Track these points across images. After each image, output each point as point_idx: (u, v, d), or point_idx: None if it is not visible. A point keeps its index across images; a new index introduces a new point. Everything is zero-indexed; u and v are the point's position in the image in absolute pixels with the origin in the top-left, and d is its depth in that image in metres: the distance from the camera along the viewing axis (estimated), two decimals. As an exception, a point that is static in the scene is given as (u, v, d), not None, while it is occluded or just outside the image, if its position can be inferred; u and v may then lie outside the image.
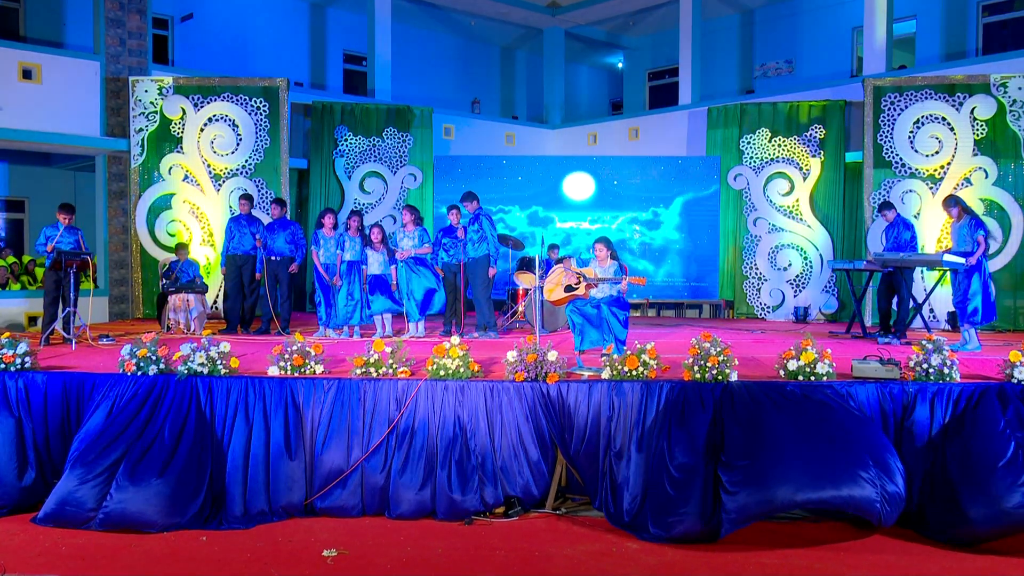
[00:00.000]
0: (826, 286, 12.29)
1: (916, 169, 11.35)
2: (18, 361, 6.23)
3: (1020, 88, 10.90)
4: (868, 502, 4.92)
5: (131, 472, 5.45)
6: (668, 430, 5.52)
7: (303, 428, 5.89)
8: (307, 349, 6.19)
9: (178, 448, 5.61)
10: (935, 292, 9.89)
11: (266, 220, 10.04)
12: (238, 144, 11.77)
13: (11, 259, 13.29)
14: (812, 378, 5.79)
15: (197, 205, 11.72)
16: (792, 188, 12.48)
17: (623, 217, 13.15)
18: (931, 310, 10.65)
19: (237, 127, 11.77)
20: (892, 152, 11.44)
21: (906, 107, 11.37)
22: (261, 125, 11.82)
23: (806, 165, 12.42)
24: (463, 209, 9.11)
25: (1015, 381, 5.62)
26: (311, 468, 5.78)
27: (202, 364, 6.03)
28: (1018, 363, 5.64)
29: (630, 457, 5.56)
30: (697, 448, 5.36)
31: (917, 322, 9.64)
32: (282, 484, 5.69)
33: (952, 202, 8.35)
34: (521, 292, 10.61)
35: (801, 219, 12.45)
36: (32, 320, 11.00)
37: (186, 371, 6.02)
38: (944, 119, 11.22)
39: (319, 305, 9.09)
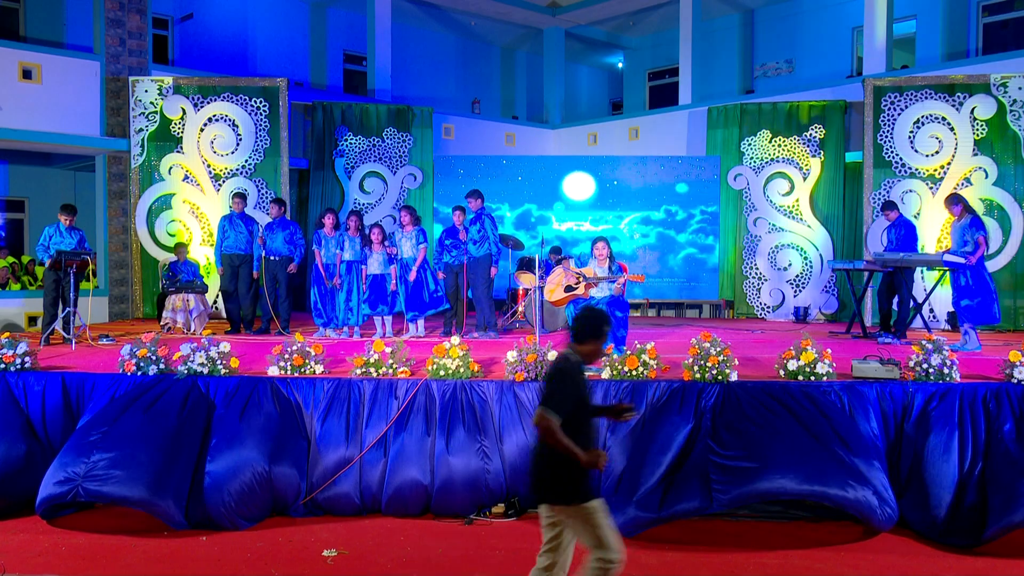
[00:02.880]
0: (826, 286, 12.29)
1: (916, 169, 11.34)
2: (18, 361, 6.24)
3: (1020, 88, 10.89)
4: (870, 508, 5.00)
5: (119, 440, 5.48)
6: (656, 428, 5.54)
7: (303, 428, 5.89)
8: (307, 349, 6.20)
9: (175, 432, 5.63)
10: (935, 292, 9.88)
11: (265, 220, 10.04)
12: (238, 144, 11.76)
13: (10, 259, 13.27)
14: (812, 378, 5.79)
15: (197, 205, 11.71)
16: (792, 188, 12.47)
17: (630, 217, 13.15)
18: (931, 310, 10.65)
19: (237, 127, 11.76)
20: (892, 152, 11.43)
21: (906, 107, 11.36)
22: (261, 125, 11.82)
23: (806, 165, 12.42)
24: (467, 207, 9.12)
25: (1015, 381, 5.62)
26: (311, 467, 5.78)
27: (202, 364, 6.04)
28: (1018, 363, 5.64)
29: (624, 455, 5.56)
30: (681, 443, 5.40)
31: (917, 322, 9.63)
32: (282, 482, 5.68)
33: (955, 200, 8.34)
34: (521, 292, 10.61)
35: (801, 219, 12.45)
36: (32, 320, 11.00)
37: (186, 371, 6.03)
38: (944, 119, 11.21)
39: (319, 305, 9.09)
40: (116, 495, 5.24)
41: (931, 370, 5.77)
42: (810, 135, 12.39)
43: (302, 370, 6.13)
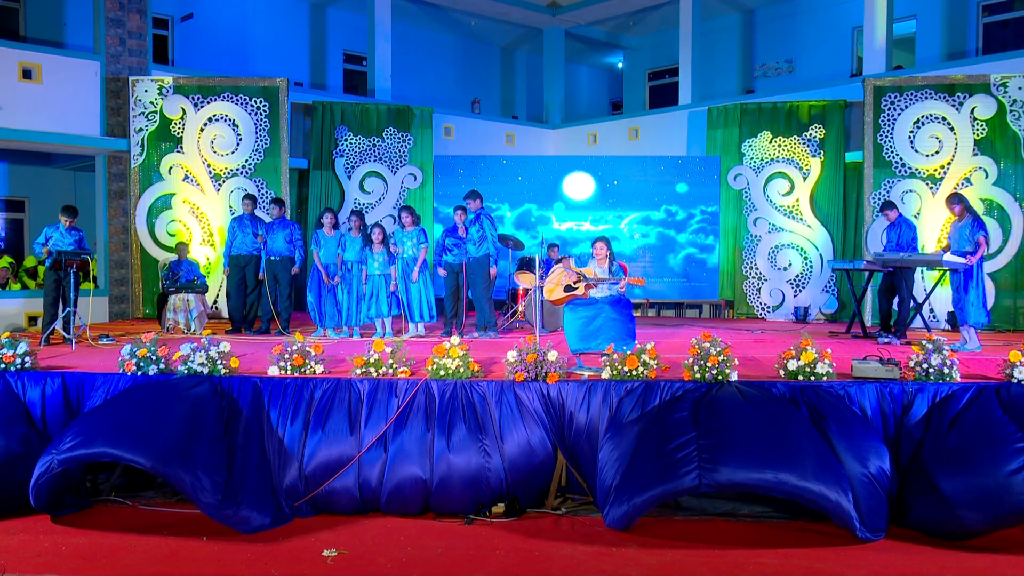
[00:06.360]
0: (826, 286, 12.29)
1: (916, 169, 11.35)
2: (18, 361, 6.23)
3: (1020, 88, 10.90)
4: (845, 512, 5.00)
5: (91, 415, 5.56)
6: (654, 427, 5.55)
7: (302, 427, 5.89)
8: (307, 349, 6.19)
9: (152, 407, 5.62)
10: (935, 292, 9.89)
11: (266, 220, 10.05)
12: (238, 144, 11.76)
13: (7, 260, 13.22)
14: (812, 378, 5.79)
15: (197, 205, 11.72)
16: (792, 188, 12.48)
17: (630, 217, 13.15)
18: (931, 310, 10.65)
19: (237, 127, 11.76)
20: (892, 152, 11.44)
21: (906, 107, 11.37)
22: (261, 125, 11.82)
23: (806, 165, 12.42)
24: (467, 207, 9.13)
25: (1015, 381, 5.62)
26: (310, 467, 5.77)
27: (202, 364, 6.03)
28: (1018, 363, 5.64)
29: (619, 454, 5.55)
30: (677, 439, 5.41)
31: (917, 322, 9.64)
32: (280, 482, 5.68)
33: (956, 200, 8.34)
34: (521, 292, 10.61)
35: (801, 219, 12.45)
36: (32, 320, 11.01)
37: (186, 371, 6.03)
38: (944, 119, 11.21)
39: (319, 305, 9.10)
40: (78, 454, 5.26)
41: (931, 370, 5.77)
42: (810, 135, 12.39)
43: (302, 370, 6.13)
